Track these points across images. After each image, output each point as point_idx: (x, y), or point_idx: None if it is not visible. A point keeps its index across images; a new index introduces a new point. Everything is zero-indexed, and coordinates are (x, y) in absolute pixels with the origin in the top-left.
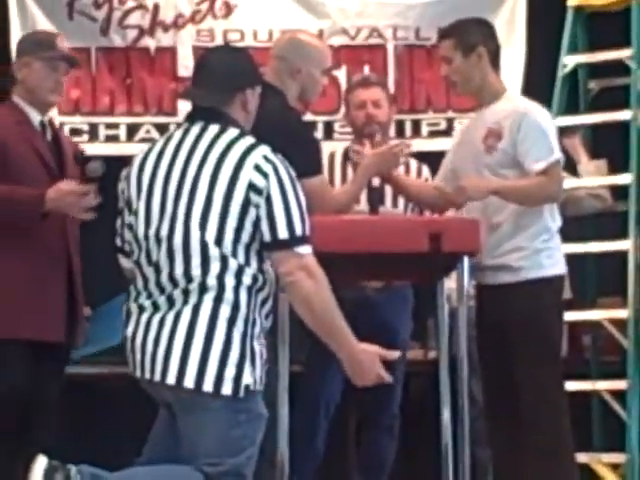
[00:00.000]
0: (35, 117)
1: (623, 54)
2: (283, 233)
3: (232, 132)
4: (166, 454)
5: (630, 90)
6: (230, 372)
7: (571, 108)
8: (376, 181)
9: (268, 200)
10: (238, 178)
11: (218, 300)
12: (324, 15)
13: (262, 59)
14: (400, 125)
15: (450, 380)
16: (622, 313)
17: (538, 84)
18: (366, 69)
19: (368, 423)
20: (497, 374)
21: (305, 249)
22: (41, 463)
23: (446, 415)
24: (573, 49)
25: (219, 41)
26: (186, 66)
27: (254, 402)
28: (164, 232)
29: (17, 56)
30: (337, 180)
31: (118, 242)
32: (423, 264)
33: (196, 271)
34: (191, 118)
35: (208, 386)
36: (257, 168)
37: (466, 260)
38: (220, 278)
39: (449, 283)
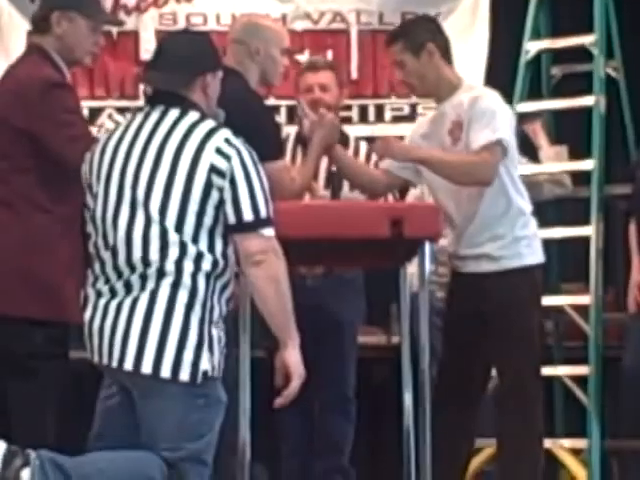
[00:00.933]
0: (67, 76)
1: (586, 40)
2: (248, 215)
3: (193, 116)
4: (124, 439)
5: (593, 76)
6: (188, 358)
7: (534, 94)
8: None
9: (232, 183)
10: (199, 161)
11: (176, 285)
12: None
13: (225, 43)
14: (363, 110)
15: (412, 365)
16: (584, 299)
17: (501, 70)
18: (329, 54)
19: (321, 406)
20: (467, 361)
21: (269, 231)
22: (0, 448)
23: (408, 399)
24: (536, 35)
25: (182, 25)
26: (148, 50)
27: (213, 387)
28: (122, 216)
29: (59, 6)
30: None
31: (88, 228)
32: (384, 250)
33: (154, 256)
34: (151, 102)
35: (166, 372)
36: (219, 151)
37: (427, 245)
38: (178, 263)
39: (410, 268)
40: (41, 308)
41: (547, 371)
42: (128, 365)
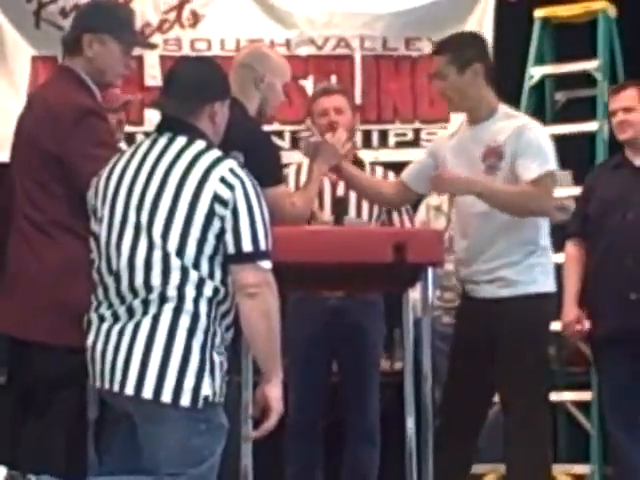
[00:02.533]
0: (98, 98)
1: (589, 66)
2: (247, 246)
3: (199, 144)
4: (126, 465)
5: (596, 101)
6: (189, 383)
7: (537, 119)
8: (341, 191)
9: (234, 213)
10: (203, 190)
11: (178, 310)
12: (292, 25)
13: (229, 68)
14: (367, 135)
15: (415, 390)
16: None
17: (505, 95)
18: (333, 79)
19: (348, 432)
20: (472, 388)
21: (267, 264)
22: (0, 473)
23: (410, 424)
24: (540, 60)
25: (186, 50)
26: (153, 75)
27: (214, 413)
28: (126, 240)
29: (91, 29)
30: None
31: (92, 254)
32: (387, 275)
33: (156, 281)
34: (159, 129)
35: (166, 397)
36: (223, 180)
37: (430, 271)
38: (180, 289)
39: (414, 294)
40: (80, 335)
41: (551, 397)
42: (129, 390)
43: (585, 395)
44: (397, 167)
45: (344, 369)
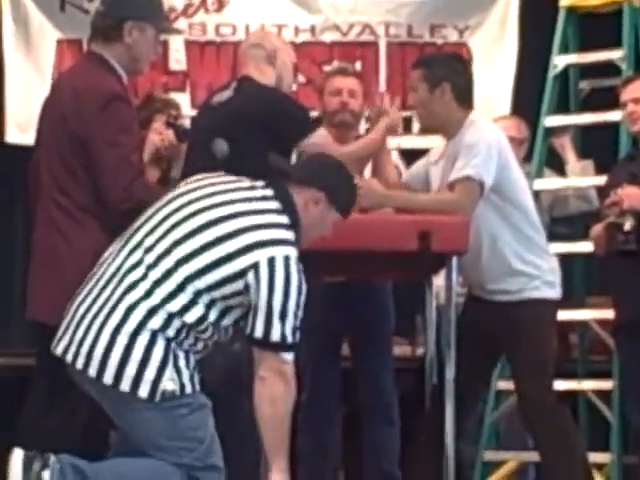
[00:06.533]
0: (126, 85)
1: (614, 55)
2: (276, 337)
3: (280, 219)
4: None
5: None
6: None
7: (561, 108)
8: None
9: (269, 299)
10: (248, 253)
11: (152, 311)
12: (316, 10)
13: None
14: None
15: (437, 376)
16: (609, 313)
17: (529, 83)
18: (357, 66)
19: (365, 414)
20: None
21: (288, 356)
22: (18, 454)
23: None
24: (564, 49)
25: (211, 35)
26: (177, 59)
27: (192, 397)
28: (147, 242)
29: (133, 16)
30: None
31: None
32: (412, 263)
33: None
34: (265, 182)
35: (143, 392)
36: (270, 262)
37: (454, 259)
38: (166, 299)
39: (437, 281)
40: None
41: (571, 385)
42: (108, 380)
43: (606, 384)
44: (420, 154)
45: (354, 347)
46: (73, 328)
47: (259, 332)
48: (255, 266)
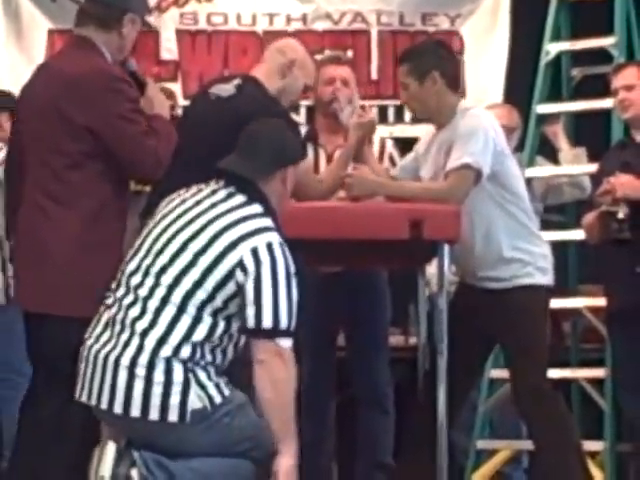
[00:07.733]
0: None
1: (606, 42)
2: (267, 322)
3: (253, 209)
4: None
5: None
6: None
7: (553, 95)
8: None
9: (257, 287)
10: (230, 253)
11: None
12: None
13: (245, 43)
14: (383, 111)
15: (430, 365)
16: (602, 301)
17: (521, 71)
18: (349, 54)
19: (360, 401)
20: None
21: (285, 342)
22: (111, 447)
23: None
24: (556, 36)
25: (202, 25)
26: (169, 49)
27: (226, 404)
28: (135, 278)
29: (132, 9)
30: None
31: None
32: (403, 251)
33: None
34: (226, 182)
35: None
36: (254, 252)
37: (446, 247)
38: (170, 327)
39: (430, 269)
40: (96, 307)
41: (564, 373)
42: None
43: (599, 372)
44: (413, 142)
45: (350, 337)
46: (90, 373)
47: (251, 321)
48: (240, 263)
